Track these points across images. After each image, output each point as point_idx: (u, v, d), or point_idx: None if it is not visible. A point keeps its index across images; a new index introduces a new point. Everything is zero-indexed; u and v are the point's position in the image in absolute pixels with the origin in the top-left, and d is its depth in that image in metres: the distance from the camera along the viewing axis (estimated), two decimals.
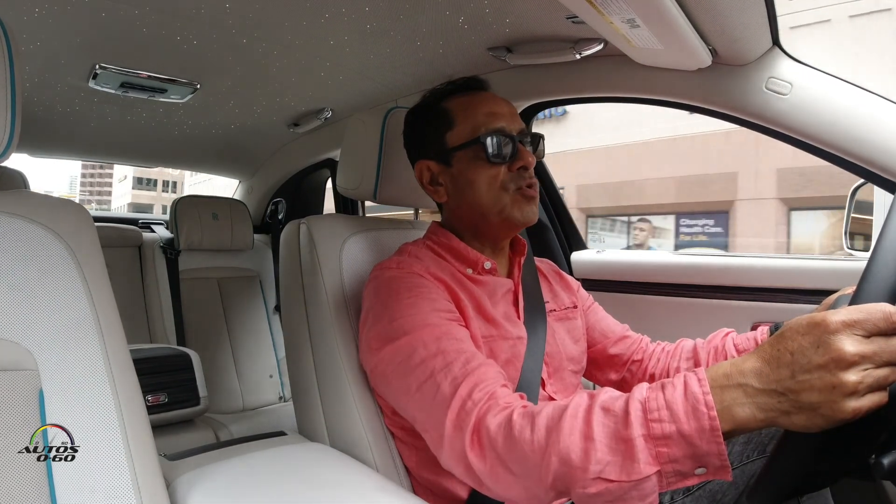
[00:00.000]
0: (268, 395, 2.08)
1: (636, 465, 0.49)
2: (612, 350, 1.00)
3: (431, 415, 0.66)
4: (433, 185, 0.89)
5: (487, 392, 0.63)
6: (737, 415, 0.47)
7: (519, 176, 0.84)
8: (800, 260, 1.18)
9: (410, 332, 0.72)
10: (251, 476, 0.73)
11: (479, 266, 0.87)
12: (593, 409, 0.53)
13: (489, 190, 0.83)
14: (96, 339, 0.59)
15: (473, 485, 0.63)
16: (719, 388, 0.48)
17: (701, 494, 0.82)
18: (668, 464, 0.49)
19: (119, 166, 36.58)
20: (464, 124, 0.85)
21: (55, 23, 1.10)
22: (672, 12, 0.81)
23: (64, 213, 0.62)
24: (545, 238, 1.54)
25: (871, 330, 0.43)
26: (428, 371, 0.68)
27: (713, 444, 0.47)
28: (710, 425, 0.47)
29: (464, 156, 0.85)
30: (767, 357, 0.47)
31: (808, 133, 0.98)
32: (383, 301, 0.78)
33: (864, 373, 0.42)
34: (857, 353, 0.42)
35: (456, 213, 0.90)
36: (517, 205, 0.84)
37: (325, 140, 1.91)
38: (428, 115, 0.90)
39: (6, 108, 0.56)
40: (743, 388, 0.47)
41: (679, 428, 0.48)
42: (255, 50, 1.24)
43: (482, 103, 0.86)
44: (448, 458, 0.64)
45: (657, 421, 0.49)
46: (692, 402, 0.48)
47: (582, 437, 0.52)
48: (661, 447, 0.49)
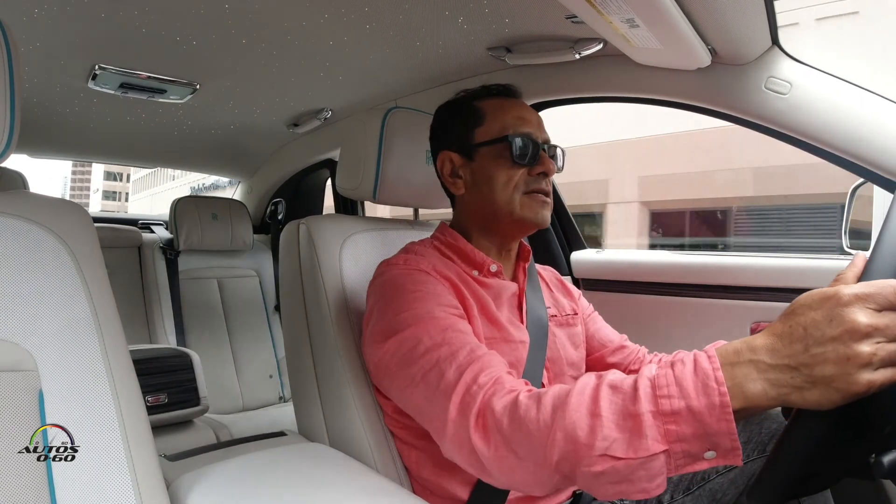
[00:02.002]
0: (268, 396, 2.08)
1: (644, 441, 0.48)
2: (611, 359, 1.00)
3: (435, 402, 0.65)
4: (453, 176, 0.91)
5: (493, 377, 0.62)
6: (748, 391, 0.46)
7: (536, 181, 0.85)
8: (800, 260, 1.18)
9: (415, 323, 0.72)
10: (251, 476, 0.73)
11: (485, 268, 0.87)
12: (601, 386, 0.53)
13: (505, 188, 0.85)
14: (96, 340, 0.59)
15: (477, 472, 0.63)
16: (730, 364, 0.47)
17: (701, 494, 0.82)
18: (676, 443, 0.48)
19: (93, 177, 37.42)
20: (493, 123, 0.87)
21: (55, 23, 1.10)
22: (671, 12, 0.81)
23: (64, 213, 0.62)
24: (545, 238, 1.54)
25: (882, 304, 0.43)
26: (433, 360, 0.67)
27: (723, 421, 0.46)
28: (721, 401, 0.46)
29: (488, 152, 0.86)
30: (779, 332, 0.46)
31: (807, 132, 0.98)
32: (388, 296, 0.78)
33: (877, 345, 0.42)
34: (870, 325, 0.42)
35: (469, 208, 0.91)
36: (529, 206, 0.85)
37: (324, 140, 1.91)
38: (459, 111, 0.91)
39: (6, 108, 0.56)
40: (755, 364, 0.46)
41: (688, 404, 0.47)
42: (255, 50, 1.24)
43: (514, 107, 0.89)
44: (451, 445, 0.63)
45: (666, 397, 0.48)
46: (702, 378, 0.47)
47: (589, 413, 0.51)
48: (669, 424, 0.48)
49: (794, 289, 1.15)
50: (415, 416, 0.73)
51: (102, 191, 57.26)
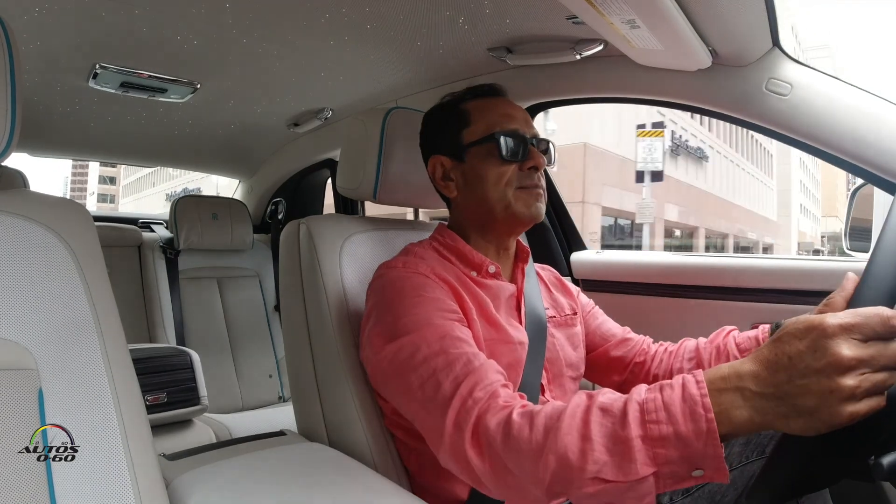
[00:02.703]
0: (267, 395, 2.08)
1: (633, 465, 0.49)
2: (614, 353, 1.00)
3: (432, 413, 0.66)
4: (445, 180, 0.91)
5: (488, 391, 0.63)
6: (734, 418, 0.46)
7: (527, 176, 0.85)
8: (800, 261, 1.18)
9: (413, 330, 0.72)
10: (250, 476, 0.73)
11: (484, 269, 0.87)
12: (591, 409, 0.53)
13: (496, 185, 0.85)
14: (96, 339, 0.59)
15: (473, 484, 0.63)
16: (717, 390, 0.48)
17: (700, 495, 0.82)
18: (664, 465, 0.49)
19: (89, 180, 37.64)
20: (480, 122, 0.88)
21: (55, 23, 1.10)
22: (672, 13, 0.81)
23: (64, 212, 0.62)
24: (545, 238, 1.54)
25: (868, 334, 0.43)
26: (430, 370, 0.68)
27: (710, 446, 0.47)
28: (708, 427, 0.47)
29: (477, 152, 0.87)
30: (765, 360, 0.46)
31: (807, 134, 0.98)
32: (387, 300, 0.78)
33: (861, 377, 0.42)
34: (854, 358, 0.42)
35: (464, 209, 0.91)
36: (522, 200, 0.85)
37: (324, 140, 1.91)
38: (446, 115, 0.92)
39: (6, 107, 0.56)
40: (741, 392, 0.47)
41: (676, 430, 0.48)
42: (255, 50, 1.24)
43: (498, 106, 0.89)
44: (448, 457, 0.64)
45: (655, 422, 0.49)
46: (690, 405, 0.48)
47: (580, 437, 0.52)
48: (658, 448, 0.49)
49: (795, 290, 1.15)
50: (412, 422, 0.73)
51: (98, 194, 57.79)
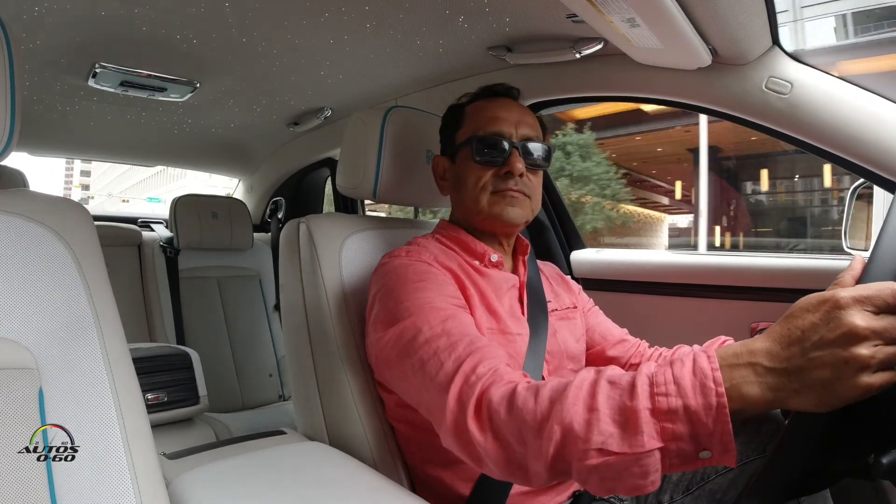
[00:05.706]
0: (267, 394, 2.09)
1: (640, 437, 0.48)
2: (611, 352, 1.01)
3: (434, 392, 0.66)
4: (441, 179, 0.96)
5: (491, 367, 0.62)
6: (746, 393, 0.46)
7: (503, 180, 0.86)
8: (799, 260, 1.18)
9: (416, 313, 0.72)
10: (251, 475, 0.73)
11: (486, 259, 0.89)
12: (599, 381, 0.53)
13: (473, 189, 0.87)
14: (96, 338, 0.59)
15: (474, 463, 0.62)
16: (728, 366, 0.47)
17: (700, 494, 0.82)
18: (672, 441, 0.47)
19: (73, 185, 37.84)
20: (469, 125, 0.90)
21: (55, 22, 1.10)
22: (672, 12, 0.81)
23: (64, 211, 0.62)
24: (545, 238, 1.54)
25: (880, 306, 0.43)
26: (432, 350, 0.68)
27: (719, 422, 0.46)
28: (718, 402, 0.46)
29: (463, 154, 0.90)
30: (777, 336, 0.46)
31: (807, 132, 0.98)
32: (390, 286, 0.78)
33: (875, 348, 0.42)
34: (868, 328, 0.42)
35: (455, 208, 0.95)
36: (496, 205, 0.86)
37: (324, 139, 1.91)
38: (450, 114, 0.96)
39: (6, 106, 0.56)
40: (753, 368, 0.46)
41: (685, 403, 0.47)
42: (255, 49, 1.24)
43: (491, 108, 0.90)
44: (449, 435, 0.63)
45: (664, 395, 0.48)
46: (700, 378, 0.47)
47: (586, 407, 0.51)
48: (665, 422, 0.48)
49: (794, 290, 1.15)
50: (416, 406, 0.73)
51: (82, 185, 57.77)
